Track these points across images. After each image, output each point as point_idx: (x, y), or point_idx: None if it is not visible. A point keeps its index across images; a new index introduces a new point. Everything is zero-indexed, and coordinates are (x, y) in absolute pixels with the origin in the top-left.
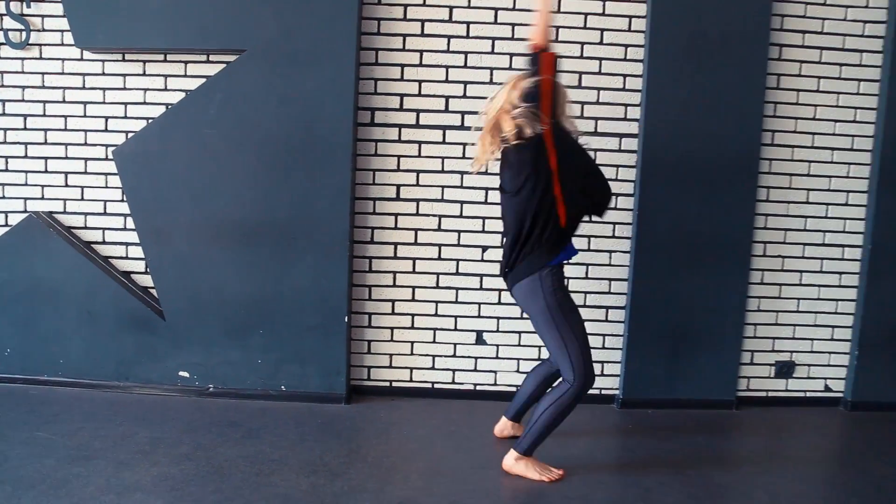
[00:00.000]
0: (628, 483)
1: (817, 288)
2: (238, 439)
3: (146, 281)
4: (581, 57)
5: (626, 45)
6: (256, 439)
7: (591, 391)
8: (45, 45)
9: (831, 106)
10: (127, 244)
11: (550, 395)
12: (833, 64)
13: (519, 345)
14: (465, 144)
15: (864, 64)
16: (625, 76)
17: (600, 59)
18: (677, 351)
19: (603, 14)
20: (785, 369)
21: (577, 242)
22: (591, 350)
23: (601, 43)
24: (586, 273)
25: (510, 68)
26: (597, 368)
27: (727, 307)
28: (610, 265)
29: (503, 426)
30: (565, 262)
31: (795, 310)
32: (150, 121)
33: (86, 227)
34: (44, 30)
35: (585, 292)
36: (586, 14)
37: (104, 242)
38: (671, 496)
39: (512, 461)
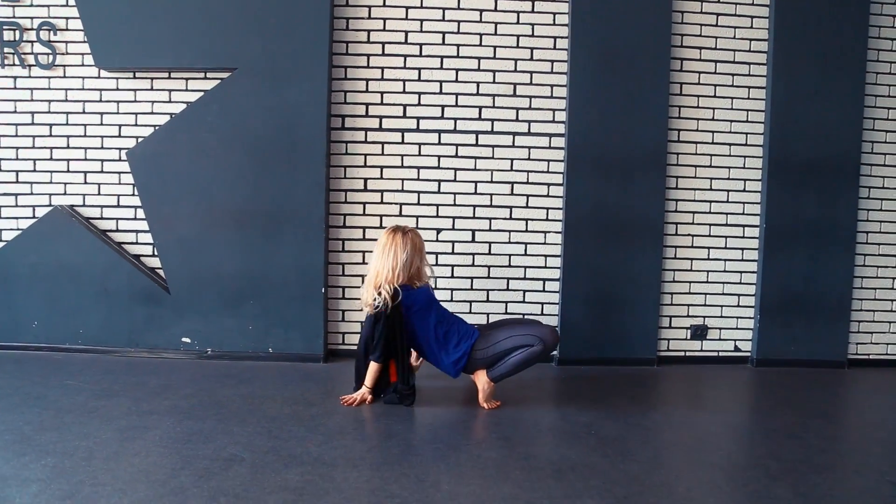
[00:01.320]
0: (564, 419)
1: (723, 262)
2: (233, 385)
3: (154, 262)
4: (515, 71)
5: (553, 61)
6: (248, 384)
7: None
8: (68, 65)
9: (727, 108)
10: (137, 231)
11: (524, 347)
12: (726, 74)
13: (470, 312)
14: (420, 144)
15: (752, 73)
16: (552, 86)
17: (531, 72)
18: (605, 316)
19: (532, 35)
20: (699, 332)
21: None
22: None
23: (531, 59)
24: (525, 251)
25: (456, 80)
26: None
27: (646, 278)
28: (545, 243)
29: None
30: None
31: (706, 280)
32: (157, 127)
33: (102, 218)
34: (67, 53)
35: (525, 266)
36: (518, 35)
37: (118, 230)
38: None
39: (486, 379)
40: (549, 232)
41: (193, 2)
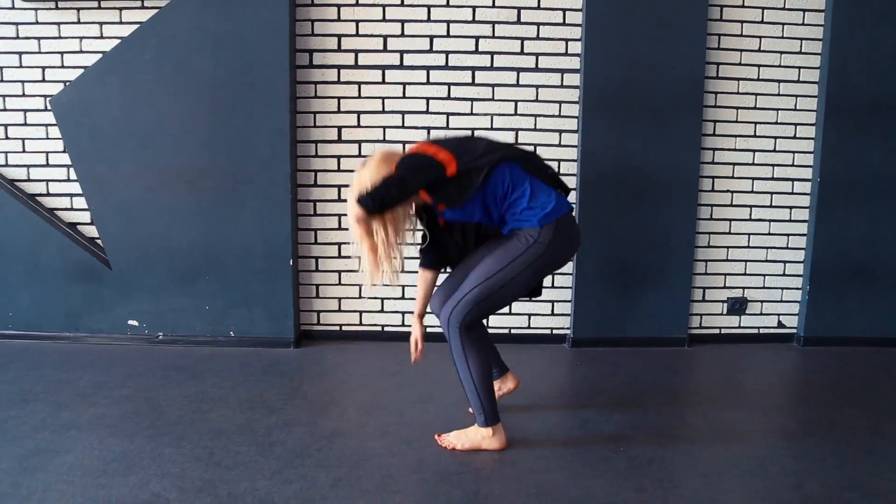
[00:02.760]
0: (567, 415)
1: (767, 223)
2: (181, 381)
3: (92, 232)
4: None
5: None
6: (199, 381)
7: (542, 331)
8: None
9: (776, 37)
10: (71, 195)
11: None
12: None
13: None
14: (404, 84)
15: None
16: (564, 10)
17: None
18: (627, 289)
19: None
20: (737, 305)
21: None
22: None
23: None
24: None
25: (447, 5)
26: (546, 308)
27: (676, 244)
28: None
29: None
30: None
31: (746, 245)
32: (85, 70)
33: (29, 180)
34: None
35: None
36: None
37: (48, 195)
38: (607, 426)
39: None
40: None
41: None
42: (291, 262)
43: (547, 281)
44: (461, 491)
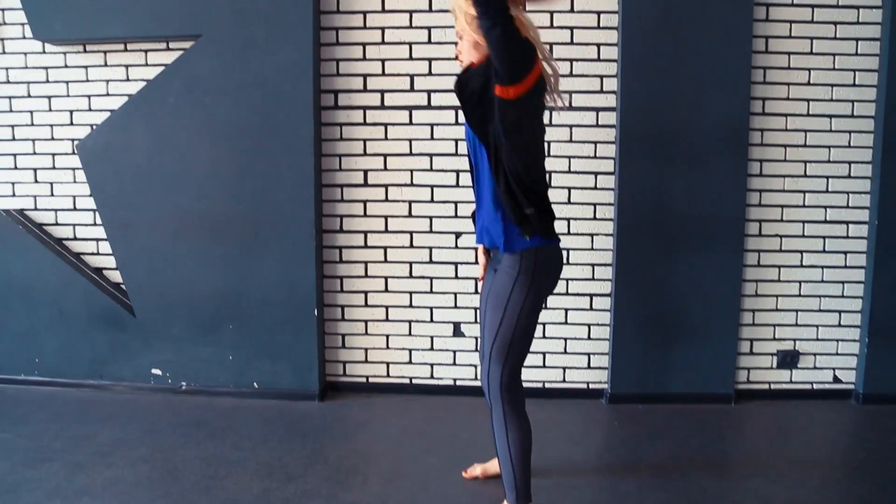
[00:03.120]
0: (603, 487)
1: (821, 269)
2: (200, 440)
3: (118, 277)
4: (551, 26)
5: (599, 12)
6: (219, 440)
7: (578, 385)
8: (7, 38)
9: (827, 69)
10: (98, 240)
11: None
12: (827, 22)
13: None
14: (432, 125)
15: (862, 21)
16: (598, 45)
17: (572, 27)
18: (669, 341)
19: None
20: (788, 359)
21: (558, 228)
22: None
23: (572, 10)
24: (567, 258)
25: None
26: (582, 361)
27: (721, 292)
28: (592, 249)
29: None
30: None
31: (797, 294)
32: (111, 113)
33: (57, 224)
34: (5, 23)
35: (567, 279)
36: None
37: (75, 238)
38: (653, 499)
39: None
40: (597, 234)
41: None
42: (316, 312)
43: (583, 333)
44: None
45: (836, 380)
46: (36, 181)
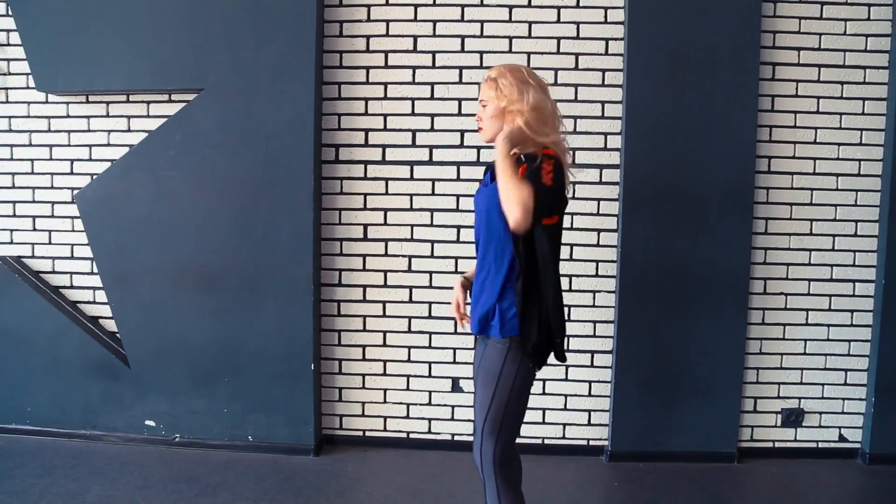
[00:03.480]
0: None
1: (826, 328)
2: (192, 498)
3: (113, 326)
4: (555, 83)
5: (604, 70)
6: (211, 498)
7: (578, 442)
8: (10, 88)
9: (834, 128)
10: (94, 288)
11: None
12: (834, 82)
13: None
14: (433, 180)
15: (869, 81)
16: (603, 103)
17: (576, 85)
18: (671, 398)
19: (577, 37)
20: (793, 417)
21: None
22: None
23: (576, 68)
24: (568, 315)
25: (476, 98)
26: (583, 417)
27: (725, 350)
28: (594, 306)
29: None
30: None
31: (802, 352)
32: (110, 164)
33: (54, 272)
34: (9, 73)
35: (569, 336)
36: (558, 38)
37: (72, 287)
38: None
39: None
40: (599, 291)
41: (148, 9)
42: (313, 366)
43: (584, 389)
44: None
45: (842, 438)
46: (34, 229)
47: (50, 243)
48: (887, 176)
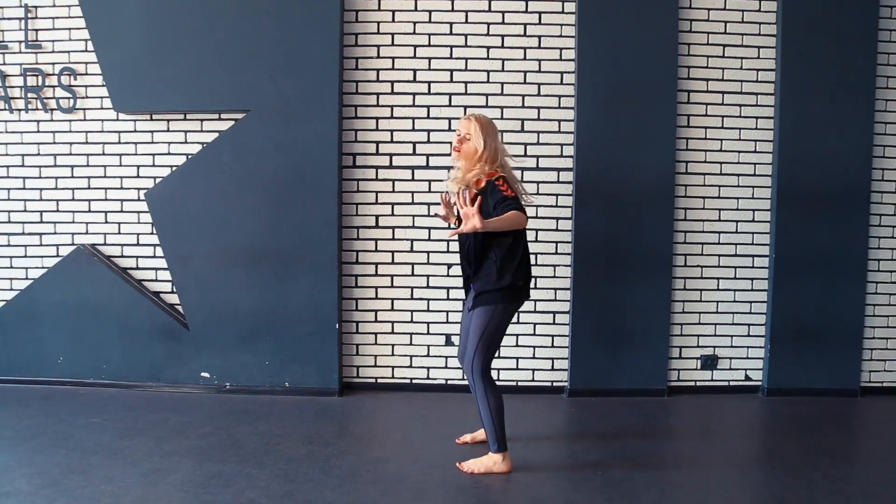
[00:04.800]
0: (560, 448)
1: (733, 292)
2: (251, 421)
3: (172, 299)
4: (523, 107)
5: (560, 96)
6: (265, 422)
7: (544, 383)
8: (88, 108)
9: (734, 139)
10: (156, 269)
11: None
12: (734, 105)
13: None
14: (430, 181)
15: (760, 104)
16: (559, 121)
17: (538, 107)
18: (615, 348)
19: (539, 71)
20: (709, 362)
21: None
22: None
23: (539, 94)
24: (535, 284)
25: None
26: (548, 364)
27: (656, 310)
28: (554, 277)
29: (491, 464)
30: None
31: (715, 311)
32: (173, 168)
33: (122, 256)
34: (87, 97)
35: (535, 300)
36: (525, 71)
37: (137, 268)
38: (591, 456)
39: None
40: (558, 265)
41: (207, 46)
42: (337, 326)
43: (548, 342)
44: (476, 499)
45: (747, 378)
46: (106, 222)
47: (119, 233)
48: (775, 176)
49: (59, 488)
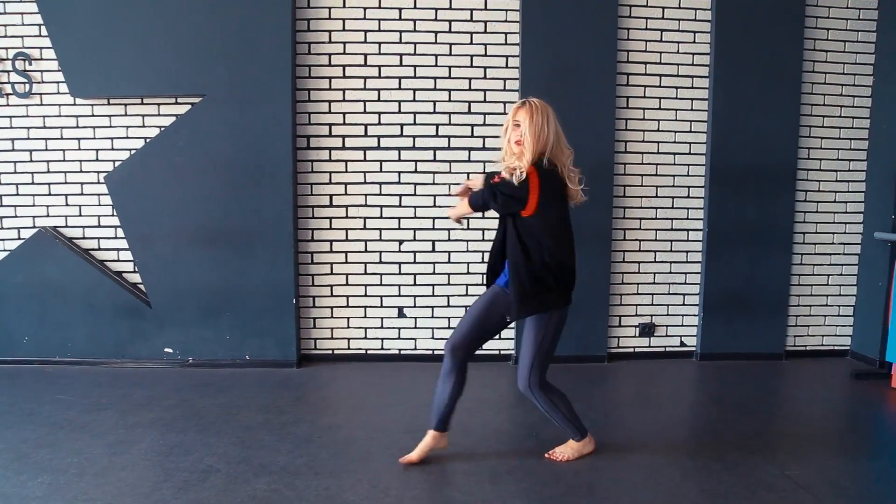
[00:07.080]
0: (515, 417)
1: (669, 264)
2: (212, 394)
3: (135, 278)
4: (469, 89)
5: (505, 79)
6: (226, 393)
7: (488, 351)
8: (44, 93)
9: (671, 120)
10: (118, 250)
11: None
12: (670, 87)
13: (432, 317)
14: (381, 161)
15: (695, 86)
16: (504, 103)
17: (485, 90)
18: None
19: (485, 55)
20: (647, 329)
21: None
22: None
23: (485, 77)
24: (482, 258)
25: (414, 100)
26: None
27: (597, 281)
28: None
29: (433, 443)
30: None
31: (652, 282)
32: (132, 151)
33: (84, 238)
34: (43, 81)
35: (482, 273)
36: (471, 55)
37: (99, 249)
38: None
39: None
40: None
41: (162, 32)
42: (294, 301)
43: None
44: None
45: (682, 344)
46: (66, 204)
47: (80, 216)
48: (708, 154)
49: (27, 462)
